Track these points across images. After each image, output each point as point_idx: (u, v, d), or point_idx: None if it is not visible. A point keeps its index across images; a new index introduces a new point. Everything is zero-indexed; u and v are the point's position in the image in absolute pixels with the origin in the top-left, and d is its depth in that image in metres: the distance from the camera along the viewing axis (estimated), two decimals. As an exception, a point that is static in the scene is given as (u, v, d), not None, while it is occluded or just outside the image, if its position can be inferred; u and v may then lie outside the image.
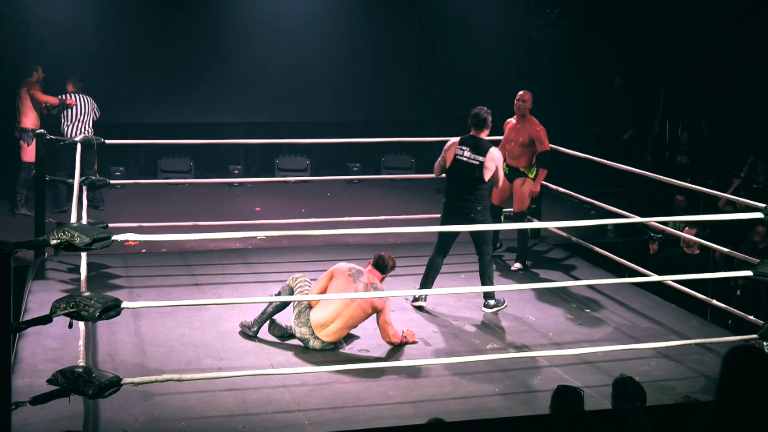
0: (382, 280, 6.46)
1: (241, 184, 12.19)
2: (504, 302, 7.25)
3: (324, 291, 6.30)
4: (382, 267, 6.46)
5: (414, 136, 11.38)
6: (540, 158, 8.26)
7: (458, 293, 7.44)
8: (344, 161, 13.33)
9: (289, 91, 12.97)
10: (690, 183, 8.77)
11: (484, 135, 7.10)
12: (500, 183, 7.19)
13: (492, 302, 7.21)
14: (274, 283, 7.59)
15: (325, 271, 6.45)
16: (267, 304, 6.47)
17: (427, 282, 7.15)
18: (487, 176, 6.99)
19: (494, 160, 7.00)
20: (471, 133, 7.10)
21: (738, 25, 13.00)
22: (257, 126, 12.89)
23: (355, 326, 6.34)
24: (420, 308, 7.16)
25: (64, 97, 10.17)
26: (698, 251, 8.08)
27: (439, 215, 9.29)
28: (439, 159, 7.18)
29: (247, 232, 5.74)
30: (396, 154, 13.42)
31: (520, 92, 8.27)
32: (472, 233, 7.07)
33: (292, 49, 12.80)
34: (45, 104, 10.17)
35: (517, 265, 8.32)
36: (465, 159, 7.02)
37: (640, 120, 13.56)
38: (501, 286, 7.23)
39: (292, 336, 6.41)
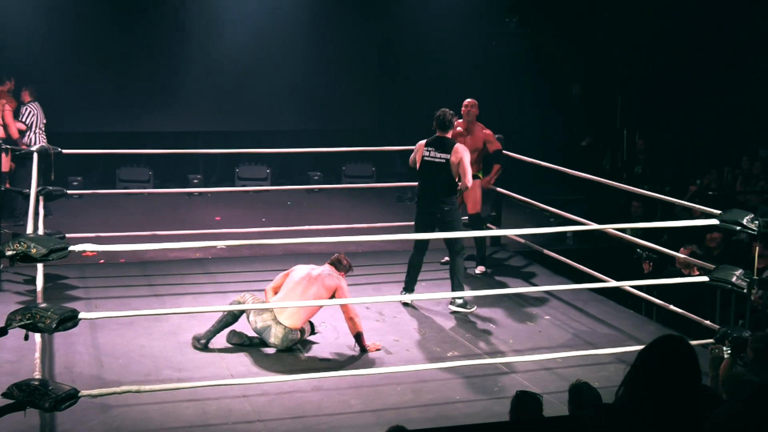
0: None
1: (201, 193, 12.14)
2: (474, 306, 7.37)
3: (281, 285, 6.46)
4: (337, 265, 6.55)
5: (375, 145, 11.39)
6: (494, 156, 8.50)
7: (418, 299, 7.46)
8: (305, 170, 13.31)
9: (249, 99, 12.93)
10: (647, 190, 8.87)
11: (449, 135, 7.34)
12: (467, 177, 7.22)
13: (459, 301, 7.32)
14: (234, 293, 7.55)
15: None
16: (218, 317, 6.47)
17: (409, 281, 7.48)
18: (453, 170, 7.18)
19: (458, 153, 7.20)
20: (436, 134, 7.31)
21: (693, 36, 13.22)
22: (217, 135, 12.83)
23: (315, 311, 6.40)
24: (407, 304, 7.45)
25: (24, 120, 10.07)
26: (698, 273, 7.74)
27: (400, 223, 9.31)
28: (412, 156, 7.51)
29: (207, 242, 5.72)
30: (357, 163, 13.42)
31: (467, 100, 8.39)
32: (442, 232, 7.21)
33: (253, 57, 12.77)
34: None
35: (481, 268, 8.38)
36: (431, 159, 7.25)
37: (599, 128, 13.70)
38: (465, 293, 7.26)
39: (252, 343, 6.39)
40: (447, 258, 8.50)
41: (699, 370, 2.70)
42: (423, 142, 7.37)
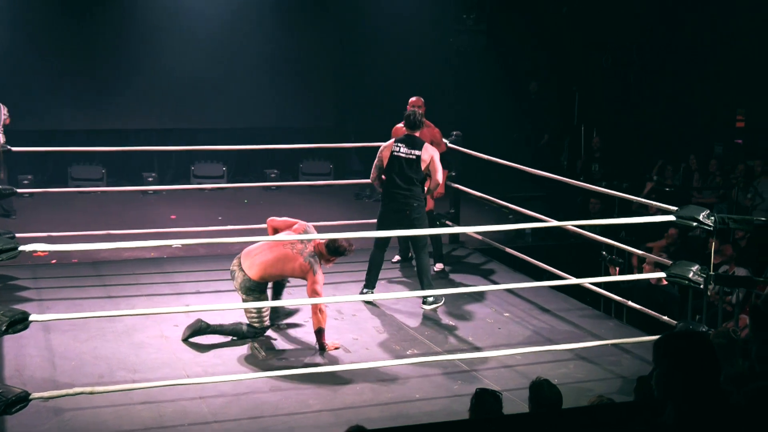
0: (325, 262, 6.46)
1: (155, 191, 12.03)
2: (442, 299, 7.41)
3: (279, 228, 6.63)
4: (333, 249, 6.42)
5: (332, 142, 11.37)
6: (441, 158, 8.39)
7: (384, 299, 7.46)
8: (261, 168, 13.25)
9: (205, 96, 12.84)
10: (605, 187, 8.93)
11: (419, 134, 7.40)
12: (438, 174, 7.26)
13: (430, 299, 7.35)
14: (190, 294, 7.52)
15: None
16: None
17: (370, 278, 7.45)
18: (423, 167, 7.23)
19: (430, 152, 7.28)
20: (406, 133, 7.38)
21: (650, 33, 13.36)
22: (172, 132, 12.71)
23: (279, 275, 6.41)
24: (370, 302, 7.43)
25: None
26: (666, 282, 7.69)
27: (359, 221, 9.28)
28: (375, 161, 7.42)
29: (162, 241, 5.68)
30: (314, 161, 13.39)
31: (413, 98, 8.34)
32: (407, 230, 7.20)
33: (208, 54, 12.68)
34: None
35: (439, 266, 8.38)
36: (402, 155, 7.27)
37: (556, 125, 13.79)
38: (427, 292, 7.27)
39: (208, 329, 6.42)
40: (398, 257, 8.53)
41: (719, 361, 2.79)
42: (391, 141, 7.43)
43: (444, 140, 8.60)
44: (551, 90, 13.83)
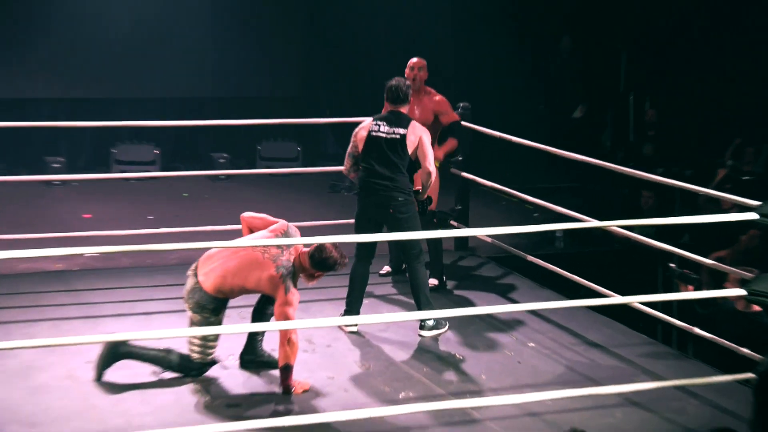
0: (306, 277, 6.42)
1: (63, 182, 11.97)
2: (445, 324, 7.46)
3: (253, 228, 6.75)
4: (318, 261, 6.32)
5: (300, 117, 11.31)
6: (450, 129, 8.49)
7: (368, 323, 7.39)
8: (207, 150, 13.28)
9: (129, 56, 12.80)
10: (661, 175, 8.87)
11: (405, 110, 7.42)
12: (428, 161, 7.28)
13: (430, 322, 7.38)
14: (108, 318, 7.47)
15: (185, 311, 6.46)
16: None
17: (353, 300, 7.44)
18: (410, 149, 7.25)
19: (418, 132, 7.29)
20: (389, 109, 7.40)
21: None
22: (84, 103, 12.72)
23: (240, 287, 6.35)
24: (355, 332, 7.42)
25: None
26: (759, 308, 7.66)
27: (335, 221, 9.23)
28: (350, 147, 7.47)
29: (71, 249, 5.61)
30: (277, 141, 13.42)
31: (413, 60, 8.40)
32: (395, 232, 7.24)
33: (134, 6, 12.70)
34: None
35: (434, 281, 8.33)
36: (383, 135, 7.30)
37: (596, 94, 13.76)
38: (425, 314, 7.20)
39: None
40: (387, 268, 8.54)
41: None
42: (369, 119, 7.46)
43: (455, 111, 8.59)
44: (589, 47, 13.80)
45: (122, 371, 6.45)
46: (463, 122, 8.96)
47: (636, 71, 13.61)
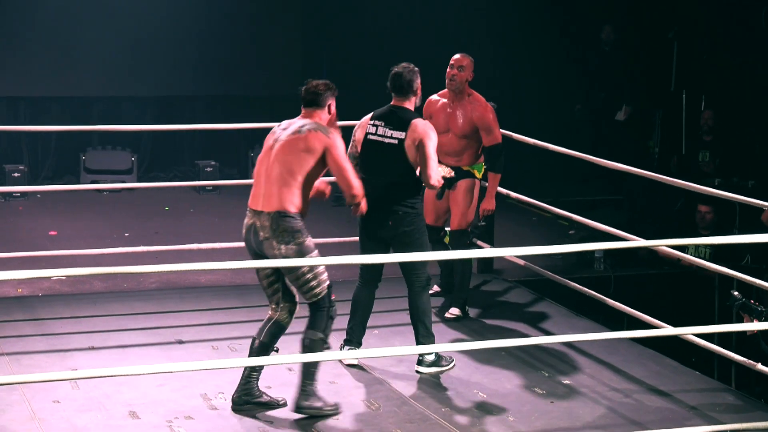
0: (331, 119, 6.68)
1: (25, 194, 12.01)
2: (452, 361, 7.45)
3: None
4: (313, 96, 6.69)
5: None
6: (490, 156, 8.32)
7: (369, 357, 7.43)
8: (191, 158, 13.24)
9: (99, 50, 12.82)
10: (719, 188, 8.90)
11: (411, 104, 7.27)
12: (430, 170, 7.14)
13: (430, 358, 7.37)
14: (78, 351, 7.50)
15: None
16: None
17: (353, 327, 7.45)
18: (410, 156, 7.16)
19: (419, 133, 7.11)
20: (391, 103, 7.29)
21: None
22: (53, 102, 12.69)
23: (303, 183, 6.55)
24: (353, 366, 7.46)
25: None
26: None
27: (338, 239, 9.26)
28: (350, 147, 7.36)
29: (35, 271, 5.61)
30: (271, 147, 13.36)
31: (456, 56, 8.34)
32: (398, 252, 7.19)
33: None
34: None
35: (455, 311, 8.40)
36: (378, 138, 7.26)
37: (644, 92, 13.74)
38: (437, 347, 7.23)
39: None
40: (436, 288, 8.57)
41: None
42: (369, 115, 7.40)
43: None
44: (635, 38, 13.80)
45: (95, 413, 6.48)
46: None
47: (690, 66, 13.58)
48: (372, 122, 7.30)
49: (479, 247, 9.10)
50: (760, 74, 13.26)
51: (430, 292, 8.50)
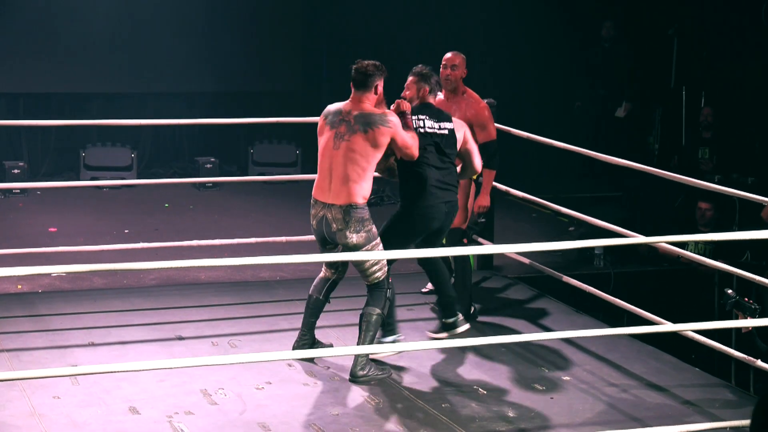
0: (378, 99, 7.04)
1: (25, 190, 12.00)
2: (401, 334, 7.59)
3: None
4: (362, 78, 6.97)
5: (299, 115, 11.34)
6: (485, 153, 8.30)
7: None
8: (191, 154, 13.24)
9: (99, 46, 12.81)
10: (719, 183, 8.90)
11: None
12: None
13: (390, 336, 7.50)
14: (78, 347, 7.51)
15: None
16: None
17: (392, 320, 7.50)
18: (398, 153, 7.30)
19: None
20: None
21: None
22: (51, 98, 12.69)
23: (366, 172, 6.92)
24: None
25: None
26: None
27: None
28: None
29: (35, 268, 5.62)
30: (272, 143, 13.37)
31: (448, 55, 8.33)
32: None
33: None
34: None
35: (430, 285, 8.40)
36: (432, 131, 7.44)
37: (643, 88, 13.74)
38: (429, 344, 7.24)
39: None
40: (430, 286, 8.54)
41: None
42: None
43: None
44: (635, 35, 13.80)
45: (95, 409, 6.49)
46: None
47: (690, 62, 13.58)
48: (419, 117, 7.43)
49: (478, 243, 9.09)
50: (759, 71, 13.27)
51: (424, 290, 8.55)
